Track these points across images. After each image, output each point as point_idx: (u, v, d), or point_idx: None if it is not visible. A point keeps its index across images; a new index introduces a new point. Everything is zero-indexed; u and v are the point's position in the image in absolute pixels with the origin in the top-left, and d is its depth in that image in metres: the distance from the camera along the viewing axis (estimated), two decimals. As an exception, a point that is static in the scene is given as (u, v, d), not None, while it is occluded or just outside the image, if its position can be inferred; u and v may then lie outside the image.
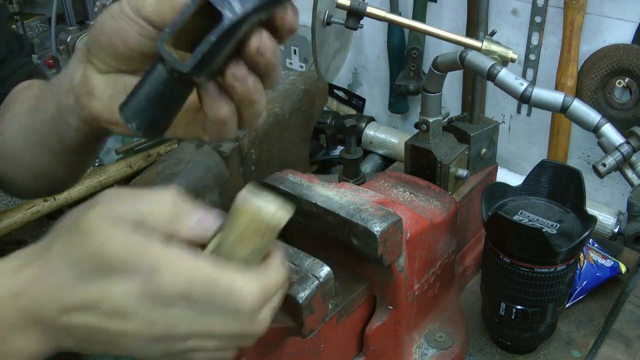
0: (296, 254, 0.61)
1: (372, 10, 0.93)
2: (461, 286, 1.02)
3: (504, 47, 0.89)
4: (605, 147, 0.79)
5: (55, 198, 1.22)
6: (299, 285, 0.58)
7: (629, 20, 1.08)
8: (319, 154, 1.42)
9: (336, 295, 0.71)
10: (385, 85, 1.48)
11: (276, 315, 0.51)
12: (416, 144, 0.95)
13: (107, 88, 0.56)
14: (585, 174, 0.88)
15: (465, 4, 1.23)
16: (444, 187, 0.95)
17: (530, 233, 0.76)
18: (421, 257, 0.82)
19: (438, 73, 0.90)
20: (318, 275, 0.59)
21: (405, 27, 0.95)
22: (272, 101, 1.14)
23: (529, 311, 0.83)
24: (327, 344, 0.75)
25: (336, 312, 0.74)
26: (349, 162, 1.18)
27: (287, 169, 0.83)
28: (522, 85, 0.80)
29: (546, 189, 0.88)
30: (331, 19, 1.02)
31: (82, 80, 0.56)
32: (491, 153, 1.02)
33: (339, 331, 0.76)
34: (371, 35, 1.46)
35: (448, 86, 1.13)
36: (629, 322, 0.94)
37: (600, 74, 1.12)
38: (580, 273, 0.95)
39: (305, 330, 0.59)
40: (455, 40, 0.92)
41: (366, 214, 0.68)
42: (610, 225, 1.15)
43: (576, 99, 0.79)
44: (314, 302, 0.58)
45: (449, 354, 0.85)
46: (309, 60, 1.54)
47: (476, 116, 1.00)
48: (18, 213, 1.19)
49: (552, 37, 1.18)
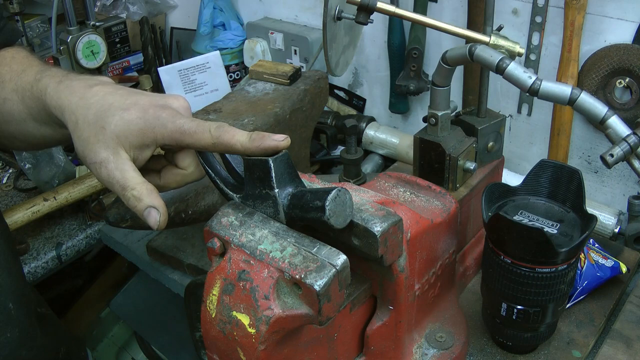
0: (313, 243, 0.61)
1: (382, 6, 0.94)
2: (462, 286, 1.02)
3: (511, 41, 0.91)
4: (612, 139, 0.79)
5: (56, 198, 1.22)
6: (316, 273, 0.58)
7: (630, 20, 1.08)
8: (319, 154, 1.42)
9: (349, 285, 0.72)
10: (386, 85, 1.48)
11: (294, 303, 0.59)
12: (425, 137, 0.96)
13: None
14: (585, 173, 0.88)
15: (465, 3, 1.23)
16: (452, 180, 0.96)
17: (531, 233, 0.76)
18: (422, 257, 0.82)
19: (447, 67, 0.90)
20: (335, 264, 0.59)
21: (415, 22, 0.95)
22: (272, 101, 1.14)
23: (530, 311, 0.83)
24: (341, 333, 0.75)
25: (349, 301, 0.74)
26: (350, 162, 1.18)
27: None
28: (530, 79, 0.81)
29: (546, 189, 0.88)
30: (342, 15, 1.03)
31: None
32: (498, 146, 1.03)
33: (352, 320, 0.77)
34: (372, 35, 1.46)
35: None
36: (630, 322, 0.94)
37: (600, 74, 1.12)
38: (581, 273, 0.95)
39: (322, 317, 0.59)
40: (463, 35, 0.92)
41: (366, 214, 0.68)
42: (610, 225, 1.15)
43: (583, 91, 0.79)
44: (331, 290, 0.58)
45: (450, 354, 0.85)
46: (309, 60, 1.55)
47: (483, 110, 1.01)
48: (18, 213, 1.19)
49: (553, 37, 1.18)
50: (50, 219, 1.32)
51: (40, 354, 0.80)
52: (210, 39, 1.68)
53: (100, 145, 0.63)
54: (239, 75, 1.71)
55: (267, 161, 0.62)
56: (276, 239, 0.63)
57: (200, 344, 0.85)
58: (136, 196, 0.63)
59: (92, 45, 1.45)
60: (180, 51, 1.87)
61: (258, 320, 0.60)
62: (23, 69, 0.72)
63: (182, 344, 1.30)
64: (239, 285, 0.62)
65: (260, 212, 0.66)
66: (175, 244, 1.16)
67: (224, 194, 0.70)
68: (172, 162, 0.70)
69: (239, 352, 0.62)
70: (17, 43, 0.85)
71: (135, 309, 1.41)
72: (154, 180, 0.68)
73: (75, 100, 0.65)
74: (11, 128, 0.73)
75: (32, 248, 1.25)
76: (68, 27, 1.42)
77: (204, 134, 0.63)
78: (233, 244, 0.64)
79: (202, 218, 0.94)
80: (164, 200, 0.65)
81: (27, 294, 0.80)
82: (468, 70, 1.26)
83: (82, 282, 1.60)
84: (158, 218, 0.64)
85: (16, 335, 0.75)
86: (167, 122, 0.64)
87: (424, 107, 1.45)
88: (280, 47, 1.61)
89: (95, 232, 1.31)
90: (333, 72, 1.19)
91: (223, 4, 1.69)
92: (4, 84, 0.72)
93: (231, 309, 0.62)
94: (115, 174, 0.63)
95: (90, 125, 0.64)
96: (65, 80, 0.68)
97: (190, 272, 1.12)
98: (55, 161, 1.32)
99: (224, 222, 0.66)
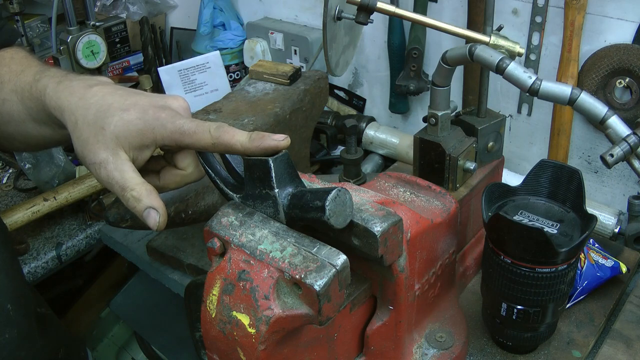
0: (313, 243, 0.61)
1: (382, 6, 0.94)
2: (462, 286, 1.02)
3: (511, 41, 0.91)
4: (612, 139, 0.79)
5: (56, 198, 1.22)
6: (316, 273, 0.58)
7: (630, 20, 1.08)
8: (319, 154, 1.42)
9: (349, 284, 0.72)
10: (386, 85, 1.48)
11: (293, 303, 0.59)
12: (425, 137, 0.96)
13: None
14: (585, 173, 0.88)
15: (465, 3, 1.23)
16: (452, 180, 0.96)
17: (532, 233, 0.76)
18: (422, 257, 0.82)
19: (447, 67, 0.90)
20: (335, 264, 0.59)
21: (415, 22, 0.95)
22: (272, 101, 1.14)
23: (530, 311, 0.83)
24: (341, 333, 0.75)
25: (349, 301, 0.74)
26: (350, 162, 1.18)
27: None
28: (530, 79, 0.81)
29: (546, 189, 0.88)
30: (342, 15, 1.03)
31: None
32: (498, 146, 1.03)
33: (352, 320, 0.77)
34: (372, 35, 1.46)
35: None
36: (630, 322, 0.94)
37: (600, 74, 1.12)
38: (581, 273, 0.95)
39: (322, 317, 0.59)
40: (464, 35, 0.92)
41: (366, 214, 0.68)
42: (610, 225, 1.15)
43: (583, 91, 0.79)
44: (331, 290, 0.58)
45: (450, 354, 0.85)
46: (309, 60, 1.55)
47: (483, 110, 1.01)
48: (18, 213, 1.19)
49: (553, 37, 1.18)
50: (50, 219, 1.32)
51: (40, 354, 0.80)
52: (210, 39, 1.68)
53: (99, 145, 0.63)
54: (239, 75, 1.71)
55: (267, 161, 0.62)
56: (276, 239, 0.63)
57: (200, 344, 0.85)
58: (135, 197, 0.63)
59: (92, 45, 1.45)
60: (180, 51, 1.87)
61: (258, 320, 0.60)
62: (22, 69, 0.72)
63: (182, 344, 1.29)
64: (239, 285, 0.62)
65: (260, 212, 0.66)
66: (175, 244, 1.16)
67: (224, 194, 0.70)
68: (172, 162, 0.70)
69: (239, 352, 0.62)
70: (17, 43, 0.85)
71: (135, 309, 1.41)
72: (153, 181, 0.68)
73: (75, 101, 0.65)
74: (10, 129, 0.73)
75: (32, 248, 1.25)
76: (68, 27, 1.42)
77: (203, 135, 0.63)
78: (233, 244, 0.64)
79: (202, 218, 0.94)
80: (164, 200, 0.65)
81: (26, 295, 0.80)
82: (468, 70, 1.26)
83: (82, 282, 1.59)
84: (157, 219, 0.64)
85: (15, 336, 0.74)
86: (166, 123, 0.64)
87: (424, 107, 1.45)
88: (280, 47, 1.61)
89: (95, 232, 1.31)
90: (333, 72, 1.19)
91: (223, 4, 1.69)
92: (3, 85, 0.72)
93: (231, 309, 0.62)
94: (114, 174, 0.63)
95: (90, 125, 0.64)
96: (64, 81, 0.68)
97: (190, 272, 1.12)
98: (55, 161, 1.32)
99: (224, 222, 0.66)
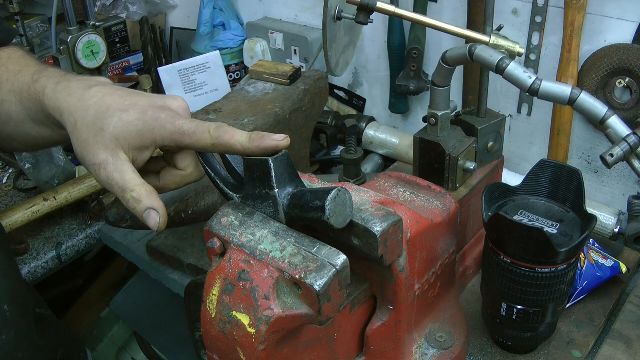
0: (313, 243, 0.61)
1: (382, 6, 0.94)
2: (462, 286, 1.02)
3: (511, 41, 0.91)
4: (612, 139, 0.79)
5: (56, 198, 1.22)
6: (316, 273, 0.58)
7: (630, 20, 1.08)
8: (319, 154, 1.42)
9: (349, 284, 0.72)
10: (386, 85, 1.48)
11: (293, 303, 0.59)
12: (425, 137, 0.96)
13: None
14: (585, 173, 0.88)
15: (465, 3, 1.23)
16: (452, 180, 0.96)
17: (532, 233, 0.76)
18: (422, 257, 0.82)
19: (447, 67, 0.90)
20: (335, 264, 0.59)
21: (415, 22, 0.95)
22: (272, 101, 1.14)
23: (530, 311, 0.83)
24: (341, 333, 0.75)
25: (349, 301, 0.74)
26: (350, 162, 1.18)
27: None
28: (530, 79, 0.81)
29: (546, 189, 0.88)
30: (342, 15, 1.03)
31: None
32: (498, 146, 1.03)
33: (352, 320, 0.77)
34: (372, 35, 1.46)
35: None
36: (630, 322, 0.94)
37: (600, 74, 1.12)
38: (581, 273, 0.95)
39: (322, 317, 0.59)
40: (464, 35, 0.92)
41: (366, 214, 0.68)
42: (610, 225, 1.15)
43: (583, 91, 0.79)
44: (331, 290, 0.58)
45: (450, 354, 0.85)
46: (309, 60, 1.55)
47: (483, 110, 1.01)
48: (18, 213, 1.19)
49: (553, 37, 1.18)
50: (50, 219, 1.32)
51: (38, 355, 0.80)
52: (210, 39, 1.68)
53: (99, 147, 0.63)
54: (239, 75, 1.71)
55: (267, 161, 0.62)
56: (276, 239, 0.63)
57: (200, 344, 0.85)
58: (135, 198, 0.63)
59: (92, 45, 1.45)
60: (180, 51, 1.87)
61: (258, 320, 0.60)
62: (20, 69, 0.72)
63: (182, 344, 1.29)
64: (239, 285, 0.62)
65: (260, 212, 0.66)
66: (175, 244, 1.16)
67: (224, 194, 0.70)
68: (171, 163, 0.70)
69: (239, 352, 0.62)
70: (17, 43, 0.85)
71: (135, 309, 1.41)
72: (153, 182, 0.67)
73: (74, 102, 0.65)
74: (9, 129, 0.73)
75: (32, 248, 1.25)
76: (68, 27, 1.42)
77: (203, 135, 0.63)
78: (233, 244, 0.64)
79: (202, 218, 0.94)
80: (164, 200, 0.65)
81: (24, 295, 0.80)
82: (468, 70, 1.26)
83: (82, 282, 1.59)
84: (158, 220, 0.64)
85: (12, 336, 0.74)
86: (166, 124, 0.64)
87: (424, 107, 1.45)
88: (280, 47, 1.61)
89: (95, 232, 1.31)
90: (333, 72, 1.19)
91: (223, 4, 1.69)
92: (1, 85, 0.71)
93: (231, 309, 0.62)
94: (114, 175, 0.63)
95: (89, 126, 0.63)
96: (63, 81, 0.68)
97: (190, 272, 1.12)
98: (55, 161, 1.32)
99: (224, 222, 0.66)
